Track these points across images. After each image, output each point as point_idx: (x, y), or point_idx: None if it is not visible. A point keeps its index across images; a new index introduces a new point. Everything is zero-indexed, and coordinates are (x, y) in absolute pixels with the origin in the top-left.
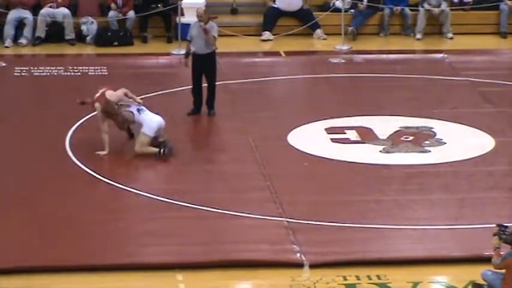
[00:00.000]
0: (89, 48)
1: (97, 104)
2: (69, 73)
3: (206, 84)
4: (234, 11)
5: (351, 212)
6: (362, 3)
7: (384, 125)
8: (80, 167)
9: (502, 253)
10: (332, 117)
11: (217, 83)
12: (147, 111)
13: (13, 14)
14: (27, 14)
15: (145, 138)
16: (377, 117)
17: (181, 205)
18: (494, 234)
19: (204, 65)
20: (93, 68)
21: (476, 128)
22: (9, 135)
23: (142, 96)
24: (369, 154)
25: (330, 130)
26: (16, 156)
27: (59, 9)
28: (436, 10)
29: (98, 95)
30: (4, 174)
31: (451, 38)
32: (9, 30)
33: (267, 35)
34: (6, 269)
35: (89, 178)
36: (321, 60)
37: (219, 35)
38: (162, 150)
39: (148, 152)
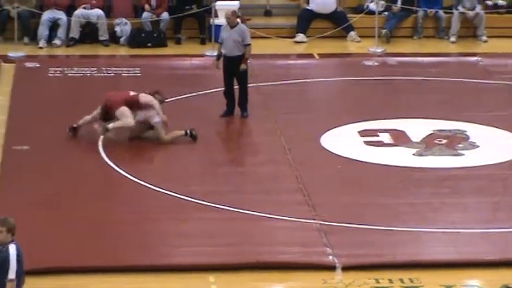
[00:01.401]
0: (122, 50)
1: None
2: (102, 74)
3: (238, 87)
4: (267, 13)
5: (384, 215)
6: (396, 6)
7: (417, 128)
8: (113, 168)
9: None
10: (365, 120)
11: (250, 85)
12: None
13: (47, 15)
14: (61, 15)
15: (161, 125)
16: (410, 120)
17: (214, 207)
18: None
19: (234, 67)
20: (126, 69)
21: (510, 131)
22: (42, 136)
23: (176, 98)
24: (402, 157)
25: (363, 133)
26: (49, 157)
27: (93, 10)
28: (471, 13)
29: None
30: (37, 175)
31: (485, 41)
32: (43, 31)
33: (300, 37)
34: (39, 270)
35: (121, 179)
36: (355, 63)
37: (253, 37)
38: (188, 130)
39: (176, 136)
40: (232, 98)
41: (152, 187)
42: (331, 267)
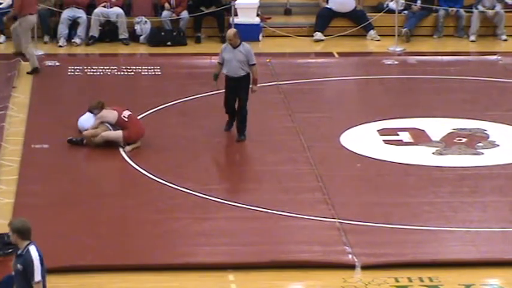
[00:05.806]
0: (142, 48)
1: None
2: (122, 73)
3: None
4: (287, 12)
5: (403, 214)
6: (416, 5)
7: (437, 127)
8: (133, 167)
9: None
10: (385, 119)
11: (270, 84)
12: None
13: (67, 13)
14: (81, 14)
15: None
16: (430, 119)
17: (233, 205)
18: None
19: (237, 88)
20: (146, 67)
21: None
22: (63, 135)
23: (195, 96)
24: (421, 156)
25: (382, 131)
26: (69, 156)
27: (112, 8)
28: (490, 12)
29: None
30: (59, 174)
31: (505, 40)
32: (63, 29)
33: (318, 35)
34: (60, 268)
35: (142, 178)
36: (374, 62)
37: (272, 36)
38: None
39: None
40: (234, 116)
41: (173, 186)
42: (350, 266)
